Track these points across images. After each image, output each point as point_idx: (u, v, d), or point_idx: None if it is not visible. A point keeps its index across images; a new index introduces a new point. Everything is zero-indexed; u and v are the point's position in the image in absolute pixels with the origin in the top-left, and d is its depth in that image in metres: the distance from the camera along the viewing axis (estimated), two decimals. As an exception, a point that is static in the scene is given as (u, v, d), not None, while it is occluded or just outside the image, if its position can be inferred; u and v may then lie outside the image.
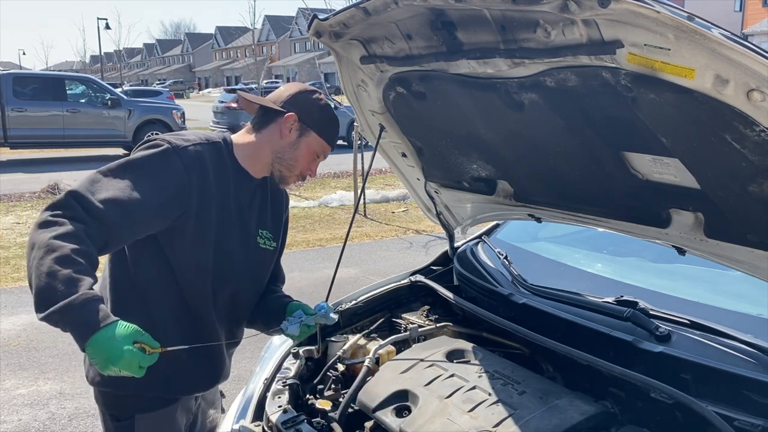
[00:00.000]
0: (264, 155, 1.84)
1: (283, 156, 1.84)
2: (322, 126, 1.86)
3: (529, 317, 2.07)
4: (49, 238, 1.39)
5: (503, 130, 1.94)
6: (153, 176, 1.62)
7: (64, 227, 1.42)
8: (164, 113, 15.44)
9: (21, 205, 9.77)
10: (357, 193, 8.99)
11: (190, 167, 1.67)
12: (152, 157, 1.64)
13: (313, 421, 1.79)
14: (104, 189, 1.53)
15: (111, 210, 1.51)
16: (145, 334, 1.42)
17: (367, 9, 1.71)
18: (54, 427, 3.57)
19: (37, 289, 1.37)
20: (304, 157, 1.86)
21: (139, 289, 1.72)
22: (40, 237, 1.41)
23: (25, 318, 5.16)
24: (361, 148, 8.85)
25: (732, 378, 1.60)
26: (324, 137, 1.87)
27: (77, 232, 1.43)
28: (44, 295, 1.35)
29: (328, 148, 1.90)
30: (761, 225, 1.52)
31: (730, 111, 1.27)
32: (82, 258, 1.40)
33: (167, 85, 53.46)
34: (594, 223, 2.05)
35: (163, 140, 1.68)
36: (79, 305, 1.34)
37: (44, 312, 1.34)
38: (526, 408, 1.62)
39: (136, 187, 1.57)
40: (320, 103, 1.88)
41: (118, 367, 1.35)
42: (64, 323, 1.35)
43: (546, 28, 1.41)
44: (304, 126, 1.83)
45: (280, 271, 2.07)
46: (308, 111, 1.84)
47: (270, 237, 1.93)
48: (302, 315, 1.82)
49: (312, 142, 1.85)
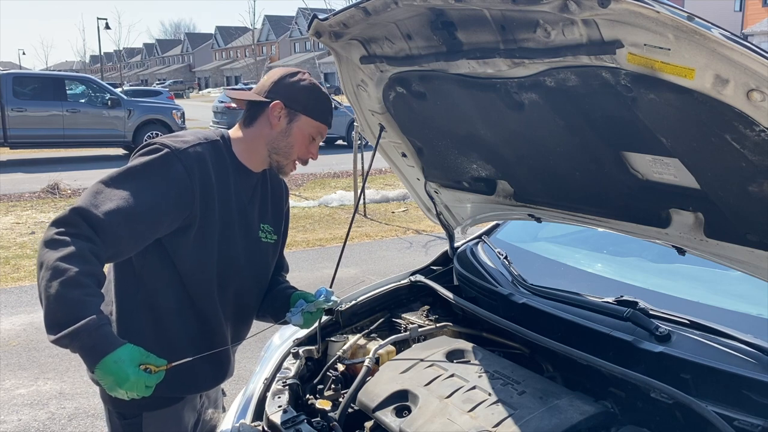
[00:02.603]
0: (259, 148, 1.82)
1: (277, 146, 1.82)
2: (311, 106, 1.82)
3: (529, 317, 2.07)
4: (55, 260, 1.42)
5: (503, 130, 1.94)
6: (155, 182, 1.61)
7: (70, 248, 1.44)
8: (164, 113, 15.43)
9: (21, 205, 9.76)
10: (357, 193, 8.99)
11: (191, 170, 1.66)
12: (153, 163, 1.64)
13: (313, 421, 1.79)
14: (107, 200, 1.54)
15: (115, 222, 1.52)
16: (150, 355, 1.47)
17: (367, 9, 1.71)
18: (54, 427, 3.57)
19: (47, 312, 1.41)
20: (298, 142, 1.82)
21: (144, 290, 1.72)
22: (47, 257, 1.44)
23: (25, 318, 5.16)
24: (361, 148, 8.85)
25: (732, 378, 1.60)
26: (315, 117, 1.82)
27: (83, 251, 1.45)
28: (54, 319, 1.40)
29: (323, 127, 1.85)
30: (761, 225, 1.52)
31: (730, 111, 1.27)
32: (89, 278, 1.43)
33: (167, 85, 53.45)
34: (594, 223, 2.05)
35: (163, 144, 1.67)
36: (87, 330, 1.38)
37: (55, 336, 1.38)
38: (526, 408, 1.62)
39: (139, 195, 1.57)
40: (303, 84, 1.83)
41: (124, 389, 1.41)
42: (73, 347, 1.40)
43: (546, 28, 1.41)
44: (292, 111, 1.80)
45: (283, 261, 2.09)
46: (293, 95, 1.81)
47: (271, 230, 1.93)
48: (303, 304, 1.84)
49: (303, 125, 1.81)
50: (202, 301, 1.76)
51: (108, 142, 14.97)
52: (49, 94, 14.15)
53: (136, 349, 1.45)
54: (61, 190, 10.60)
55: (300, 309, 1.83)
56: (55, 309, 1.40)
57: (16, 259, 6.86)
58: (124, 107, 14.74)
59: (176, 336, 1.75)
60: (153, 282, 1.72)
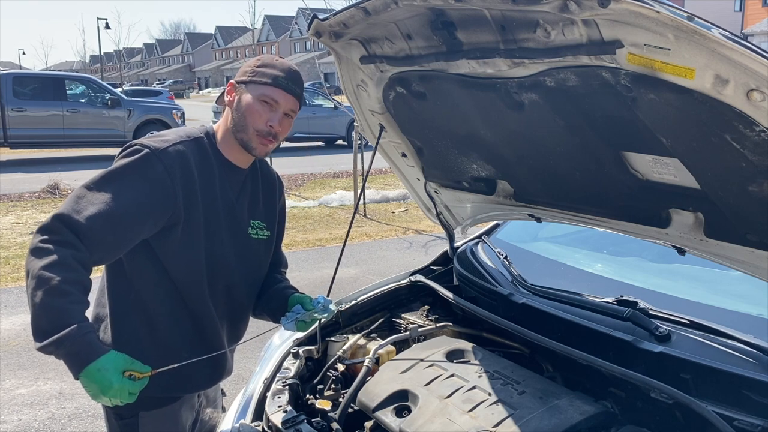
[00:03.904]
0: (231, 138, 1.80)
1: (236, 122, 1.78)
2: (257, 74, 1.76)
3: (529, 317, 2.07)
4: (39, 269, 1.44)
5: (503, 130, 1.94)
6: (135, 184, 1.61)
7: (52, 256, 1.46)
8: (164, 113, 15.44)
9: (21, 205, 9.77)
10: (357, 193, 8.99)
11: (172, 169, 1.65)
12: (132, 165, 1.63)
13: (313, 421, 1.79)
14: (89, 205, 1.55)
15: (98, 226, 1.53)
16: (135, 362, 1.50)
17: (367, 9, 1.71)
18: (54, 427, 3.57)
19: (32, 320, 1.45)
20: (250, 112, 1.75)
21: (136, 292, 1.72)
22: (32, 265, 1.46)
23: (24, 318, 5.16)
24: (361, 148, 8.86)
25: (732, 378, 1.60)
26: (261, 82, 1.75)
27: (65, 259, 1.46)
28: (39, 327, 1.43)
29: (273, 90, 1.75)
30: (761, 225, 1.52)
31: (730, 111, 1.27)
32: (72, 287, 1.45)
33: (167, 85, 53.48)
34: (594, 223, 2.05)
35: (143, 145, 1.67)
36: (70, 339, 1.41)
37: (40, 343, 1.42)
38: (526, 408, 1.62)
39: (120, 197, 1.58)
40: (255, 60, 1.81)
41: (108, 397, 1.44)
42: (58, 355, 1.43)
43: (546, 28, 1.41)
44: (241, 85, 1.78)
45: (281, 257, 2.07)
46: (243, 71, 1.80)
47: (263, 226, 1.91)
48: (300, 310, 1.82)
49: (250, 92, 1.75)
50: (193, 301, 1.76)
51: (108, 142, 14.95)
52: (49, 94, 14.15)
53: (120, 356, 1.47)
54: (61, 190, 10.60)
55: (295, 317, 1.81)
56: (40, 317, 1.43)
57: (16, 259, 6.86)
58: (124, 107, 14.74)
59: (170, 336, 1.75)
60: (144, 283, 1.72)
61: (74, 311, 1.44)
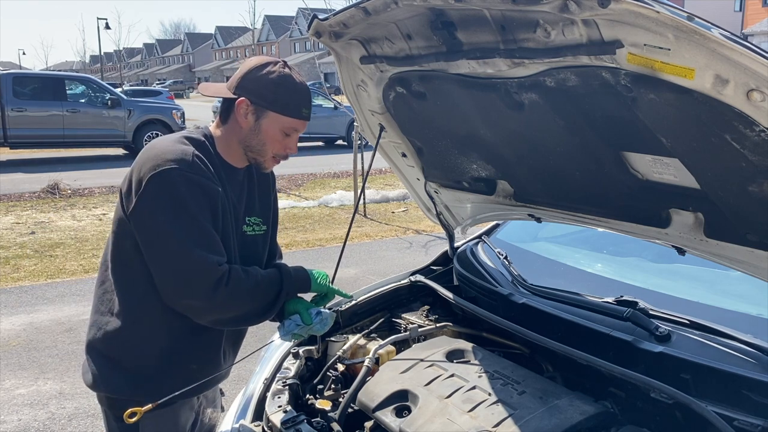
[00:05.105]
0: (234, 146, 1.79)
1: (249, 143, 1.76)
2: (279, 101, 1.71)
3: (529, 317, 2.07)
4: (246, 291, 1.71)
5: (503, 130, 1.94)
6: (192, 202, 1.63)
7: (235, 279, 1.68)
8: (164, 113, 15.43)
9: (21, 205, 9.77)
10: (357, 193, 8.99)
11: (201, 174, 1.67)
12: (178, 189, 1.62)
13: (313, 421, 1.79)
14: (195, 247, 1.62)
15: (207, 250, 1.63)
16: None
17: (367, 9, 1.71)
18: (54, 427, 3.57)
19: (264, 307, 1.76)
20: (271, 140, 1.75)
21: (148, 292, 1.72)
22: (240, 297, 1.70)
23: (25, 318, 5.16)
24: (361, 148, 8.85)
25: (732, 378, 1.60)
26: (285, 113, 1.72)
27: (237, 273, 1.69)
28: (267, 304, 1.77)
29: (297, 123, 1.75)
30: (761, 225, 1.52)
31: (730, 111, 1.27)
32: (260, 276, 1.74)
33: (167, 85, 53.44)
34: (594, 223, 2.05)
35: (170, 167, 1.62)
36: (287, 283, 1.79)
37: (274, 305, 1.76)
38: (526, 408, 1.62)
39: (194, 220, 1.63)
40: (272, 77, 1.71)
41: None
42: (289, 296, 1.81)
43: (546, 28, 1.41)
44: (259, 108, 1.71)
45: (276, 248, 2.08)
46: (259, 91, 1.71)
47: (259, 221, 1.91)
48: (299, 321, 1.81)
49: (272, 122, 1.73)
50: None
51: (108, 142, 14.98)
52: (49, 94, 14.15)
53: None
54: (61, 190, 10.60)
55: (291, 329, 1.81)
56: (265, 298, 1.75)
57: (16, 259, 6.86)
58: (124, 107, 14.73)
59: (180, 337, 1.75)
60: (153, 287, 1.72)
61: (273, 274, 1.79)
